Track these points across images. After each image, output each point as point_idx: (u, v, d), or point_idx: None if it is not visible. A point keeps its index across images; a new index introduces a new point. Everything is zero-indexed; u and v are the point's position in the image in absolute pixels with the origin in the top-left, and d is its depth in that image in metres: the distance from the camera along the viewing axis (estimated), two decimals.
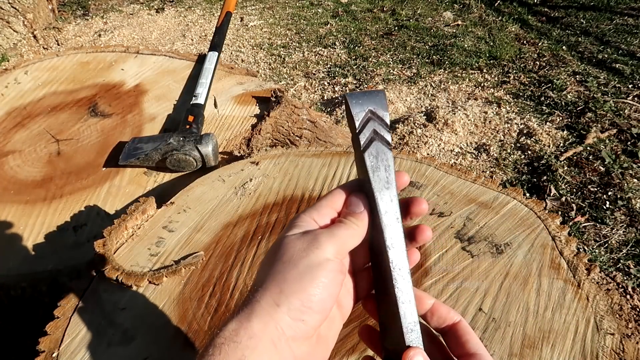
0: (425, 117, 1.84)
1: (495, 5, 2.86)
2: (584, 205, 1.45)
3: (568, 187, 1.52)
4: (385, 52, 2.40)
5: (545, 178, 1.54)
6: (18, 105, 1.20)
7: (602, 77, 2.07)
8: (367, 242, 0.38)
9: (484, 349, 0.37)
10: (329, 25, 2.72)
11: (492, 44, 2.41)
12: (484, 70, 2.18)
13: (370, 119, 0.38)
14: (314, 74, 2.24)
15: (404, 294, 0.35)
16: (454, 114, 1.81)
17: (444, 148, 1.70)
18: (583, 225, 1.39)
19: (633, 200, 1.43)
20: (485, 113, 1.86)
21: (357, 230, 0.37)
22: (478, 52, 2.34)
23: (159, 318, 0.65)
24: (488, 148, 1.68)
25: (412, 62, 2.30)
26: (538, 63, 2.22)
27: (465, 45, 2.39)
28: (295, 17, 2.85)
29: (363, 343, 0.60)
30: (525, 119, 1.82)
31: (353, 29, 2.64)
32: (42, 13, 2.62)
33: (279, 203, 0.81)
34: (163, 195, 0.90)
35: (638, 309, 0.61)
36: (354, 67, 2.27)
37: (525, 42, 2.43)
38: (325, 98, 2.08)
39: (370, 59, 2.33)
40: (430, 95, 2.03)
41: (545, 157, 1.62)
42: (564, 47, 2.35)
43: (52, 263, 0.83)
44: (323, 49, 2.45)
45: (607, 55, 2.24)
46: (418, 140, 1.71)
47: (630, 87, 1.98)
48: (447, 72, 2.19)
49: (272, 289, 0.33)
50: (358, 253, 0.39)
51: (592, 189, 1.49)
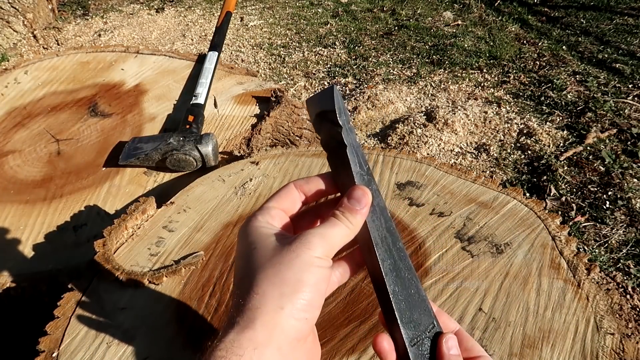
0: (425, 117, 1.84)
1: (495, 5, 2.86)
2: (584, 205, 1.45)
3: (568, 187, 1.52)
4: (385, 52, 2.40)
5: (545, 178, 1.54)
6: (18, 105, 1.20)
7: (602, 77, 2.07)
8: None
9: (485, 352, 0.37)
10: (329, 25, 2.72)
11: (492, 44, 2.41)
12: (484, 70, 2.18)
13: (323, 121, 0.38)
14: (314, 74, 2.24)
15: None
16: (454, 114, 1.81)
17: (444, 148, 1.70)
18: (583, 225, 1.39)
19: (633, 200, 1.43)
20: (485, 113, 1.86)
21: (349, 231, 0.36)
22: (478, 52, 2.34)
23: (159, 318, 0.65)
24: (488, 148, 1.68)
25: (412, 62, 2.30)
26: (538, 63, 2.22)
27: (465, 45, 2.39)
28: (295, 17, 2.85)
29: (363, 343, 0.60)
30: (525, 119, 1.82)
31: (353, 29, 2.64)
32: (42, 13, 2.62)
33: None
34: (163, 195, 0.90)
35: (638, 309, 0.61)
36: (354, 67, 2.27)
37: (525, 42, 2.43)
38: None
39: (370, 59, 2.33)
40: (430, 95, 2.03)
41: (545, 157, 1.62)
42: (564, 47, 2.35)
43: (52, 263, 0.83)
44: (323, 49, 2.45)
45: (607, 55, 2.24)
46: (418, 140, 1.71)
47: (630, 86, 1.98)
48: (447, 72, 2.19)
49: (271, 293, 0.32)
50: None
51: (592, 189, 1.49)
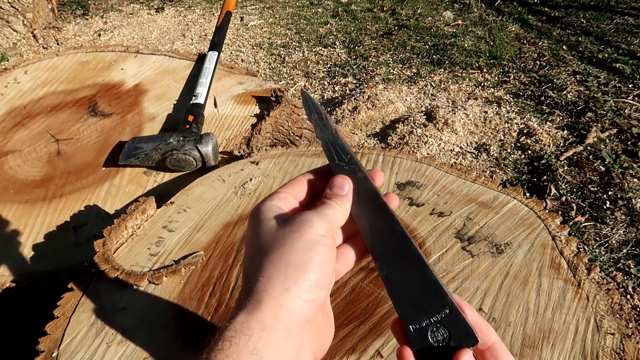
0: (425, 116, 1.84)
1: (496, 5, 2.86)
2: (584, 205, 1.45)
3: (568, 186, 1.51)
4: (385, 51, 2.40)
5: (546, 178, 1.54)
6: (18, 105, 1.20)
7: (602, 76, 2.07)
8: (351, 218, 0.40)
9: None
10: (329, 25, 2.71)
11: (492, 44, 2.41)
12: (484, 70, 2.18)
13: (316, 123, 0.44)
14: (314, 74, 2.24)
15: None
16: (454, 114, 1.81)
17: (444, 148, 1.70)
18: (583, 225, 1.39)
19: (633, 200, 1.43)
20: (486, 113, 1.85)
21: (342, 212, 0.37)
22: (478, 51, 2.33)
23: (159, 318, 0.64)
24: (488, 148, 1.68)
25: (412, 61, 2.29)
26: (538, 63, 2.22)
27: (466, 45, 2.39)
28: (295, 16, 2.85)
29: (363, 343, 0.60)
30: (526, 119, 1.82)
31: (353, 29, 2.64)
32: (41, 12, 2.62)
33: None
34: (163, 195, 0.90)
35: (638, 309, 0.61)
36: (354, 66, 2.27)
37: (526, 41, 2.43)
38: (325, 98, 2.08)
39: (370, 59, 2.33)
40: (430, 95, 2.03)
41: (546, 156, 1.62)
42: (564, 46, 2.35)
43: (52, 263, 0.83)
44: (323, 49, 2.45)
45: (607, 55, 2.23)
46: (418, 140, 1.71)
47: (631, 86, 1.98)
48: (447, 71, 2.19)
49: (276, 276, 0.32)
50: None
51: (592, 189, 1.49)
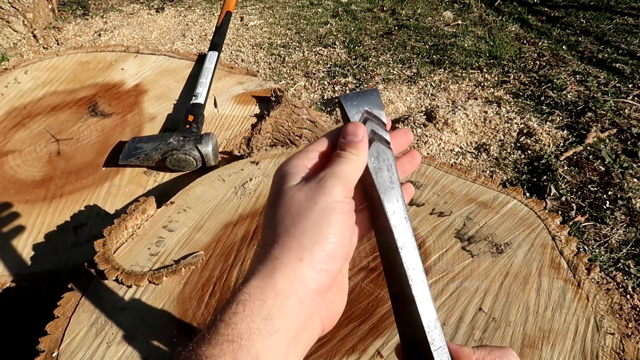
0: (425, 116, 1.84)
1: (495, 5, 2.86)
2: (584, 205, 1.45)
3: (568, 186, 1.51)
4: (385, 51, 2.40)
5: (545, 178, 1.54)
6: (18, 105, 1.20)
7: (602, 76, 2.07)
8: (361, 182, 0.37)
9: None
10: (329, 25, 2.71)
11: (492, 44, 2.41)
12: (484, 70, 2.18)
13: (367, 119, 0.37)
14: (314, 74, 2.24)
15: (421, 293, 0.35)
16: (454, 114, 1.81)
17: (444, 148, 1.70)
18: (583, 225, 1.39)
19: (633, 200, 1.43)
20: (485, 113, 1.86)
21: (358, 161, 0.35)
22: (478, 51, 2.33)
23: (159, 318, 0.65)
24: (488, 148, 1.68)
25: (412, 61, 2.29)
26: (538, 63, 2.22)
27: (465, 45, 2.39)
28: (295, 16, 2.85)
29: (363, 343, 0.60)
30: (526, 119, 1.82)
31: (353, 29, 2.64)
32: (42, 13, 2.62)
33: None
34: (163, 195, 0.90)
35: (638, 309, 0.61)
36: (354, 66, 2.27)
37: (525, 41, 2.43)
38: (325, 97, 2.08)
39: (370, 59, 2.33)
40: (430, 95, 2.03)
41: (546, 156, 1.62)
42: (564, 46, 2.35)
43: (52, 263, 0.83)
44: (323, 49, 2.45)
45: (607, 55, 2.24)
46: (418, 140, 1.71)
47: (630, 86, 1.98)
48: (447, 71, 2.19)
49: (290, 244, 0.31)
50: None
51: (592, 189, 1.49)
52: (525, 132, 1.75)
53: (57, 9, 2.82)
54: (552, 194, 1.48)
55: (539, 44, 2.38)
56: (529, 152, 1.66)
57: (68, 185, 0.97)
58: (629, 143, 1.66)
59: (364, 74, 2.20)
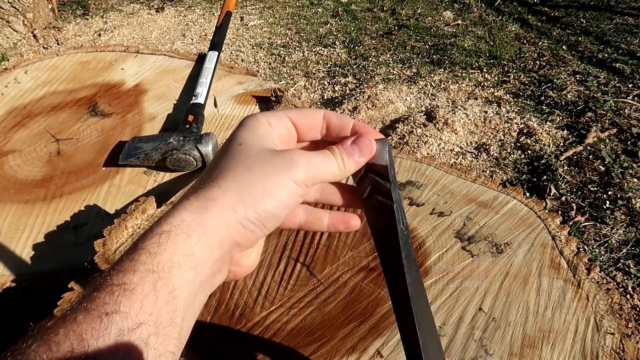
0: (425, 116, 1.84)
1: (495, 5, 2.86)
2: (584, 205, 1.45)
3: (568, 186, 1.51)
4: (385, 51, 2.40)
5: (545, 177, 1.54)
6: (18, 105, 1.20)
7: (602, 76, 2.07)
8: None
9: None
10: (329, 25, 2.71)
11: (492, 44, 2.41)
12: (484, 70, 2.18)
13: (368, 173, 0.36)
14: (314, 74, 2.24)
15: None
16: (454, 114, 1.81)
17: (444, 147, 1.70)
18: (583, 225, 1.39)
19: (633, 200, 1.43)
20: (485, 112, 1.86)
21: (339, 171, 0.35)
22: (478, 51, 2.33)
23: None
24: (488, 147, 1.68)
25: (412, 61, 2.29)
26: (538, 62, 2.22)
27: (465, 45, 2.39)
28: (295, 16, 2.85)
29: (363, 343, 0.60)
30: (526, 119, 1.82)
31: (353, 29, 2.64)
32: (42, 12, 2.62)
33: None
34: (163, 195, 0.90)
35: (638, 309, 0.61)
36: (354, 66, 2.27)
37: (525, 41, 2.43)
38: (325, 98, 2.08)
39: (370, 59, 2.33)
40: (430, 95, 2.03)
41: (546, 156, 1.62)
42: (564, 46, 2.35)
43: (52, 263, 0.83)
44: (323, 49, 2.45)
45: (607, 55, 2.24)
46: (418, 140, 1.71)
47: (631, 86, 1.98)
48: (447, 71, 2.19)
49: (231, 193, 0.31)
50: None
51: (592, 189, 1.49)
52: (525, 132, 1.75)
53: (57, 9, 2.82)
54: (552, 194, 1.48)
55: (539, 44, 2.38)
56: (529, 152, 1.66)
57: (68, 185, 0.97)
58: (629, 143, 1.66)
59: (364, 74, 2.20)
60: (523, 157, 1.65)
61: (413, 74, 2.18)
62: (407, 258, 0.36)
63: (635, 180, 1.50)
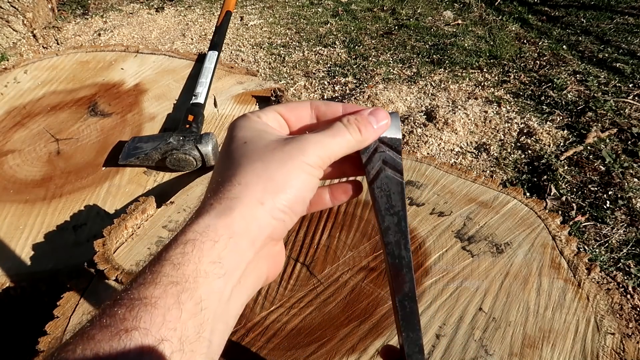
0: (425, 116, 1.84)
1: (496, 5, 2.86)
2: (584, 205, 1.45)
3: (568, 186, 1.51)
4: (386, 51, 2.40)
5: (546, 177, 1.54)
6: (17, 105, 1.20)
7: (602, 76, 2.07)
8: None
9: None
10: (329, 25, 2.71)
11: (492, 43, 2.40)
12: (484, 70, 2.18)
13: (378, 147, 0.35)
14: (314, 74, 2.24)
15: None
16: (454, 114, 1.81)
17: (444, 147, 1.70)
18: (583, 225, 1.39)
19: (633, 200, 1.43)
20: (486, 112, 1.85)
21: (354, 142, 0.34)
22: (478, 51, 2.33)
23: None
24: (488, 147, 1.68)
25: (412, 61, 2.29)
26: (538, 62, 2.21)
27: (466, 45, 2.39)
28: (295, 16, 2.85)
29: (363, 343, 0.60)
30: (526, 119, 1.81)
31: (353, 28, 2.64)
32: (41, 12, 2.62)
33: None
34: (163, 195, 0.90)
35: (638, 309, 0.61)
36: (354, 66, 2.26)
37: (526, 41, 2.43)
38: (325, 97, 2.08)
39: (370, 58, 2.33)
40: (431, 95, 2.03)
41: (546, 156, 1.62)
42: (565, 46, 2.35)
43: (52, 263, 0.83)
44: (323, 48, 2.45)
45: (607, 55, 2.23)
46: (418, 140, 1.71)
47: (631, 86, 1.98)
48: (447, 71, 2.19)
49: (254, 186, 0.30)
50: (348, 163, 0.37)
51: (592, 189, 1.49)
52: (526, 131, 1.75)
53: (56, 9, 2.82)
54: (552, 194, 1.48)
55: (539, 44, 2.38)
56: (529, 151, 1.66)
57: (68, 185, 0.97)
58: (630, 143, 1.66)
59: (364, 74, 2.20)
60: (523, 157, 1.65)
61: (413, 74, 2.18)
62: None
63: (636, 180, 1.50)
